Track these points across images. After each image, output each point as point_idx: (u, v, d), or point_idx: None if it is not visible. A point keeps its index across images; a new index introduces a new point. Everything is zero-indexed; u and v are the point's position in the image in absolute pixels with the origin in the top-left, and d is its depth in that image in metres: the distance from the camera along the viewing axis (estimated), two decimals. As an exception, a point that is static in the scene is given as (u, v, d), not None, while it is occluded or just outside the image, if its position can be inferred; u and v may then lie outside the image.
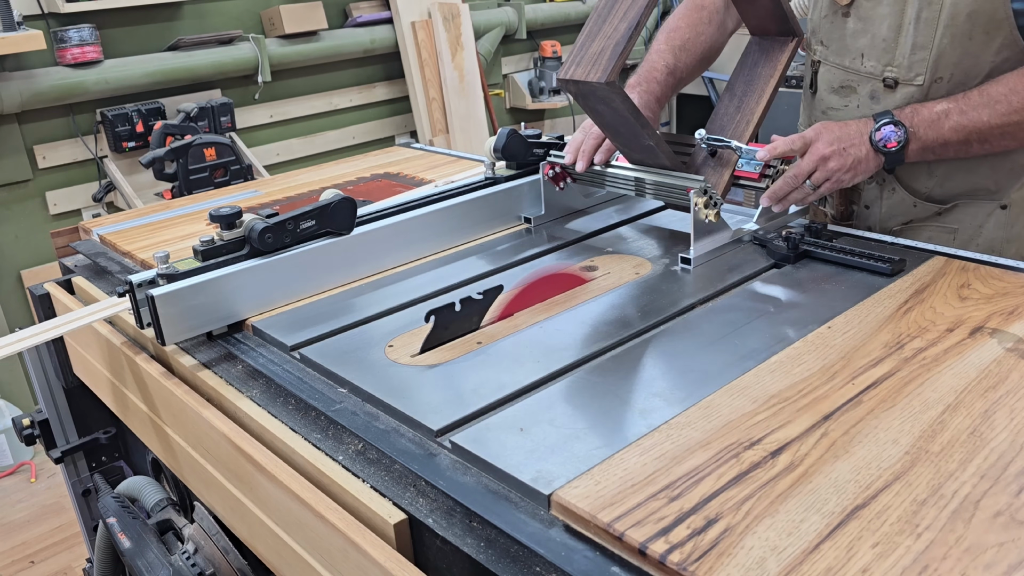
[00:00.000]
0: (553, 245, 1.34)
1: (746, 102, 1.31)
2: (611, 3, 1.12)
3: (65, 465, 1.64)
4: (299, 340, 1.07)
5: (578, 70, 1.11)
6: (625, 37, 1.08)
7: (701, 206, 1.19)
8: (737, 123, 1.30)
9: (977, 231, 1.31)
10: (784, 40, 1.31)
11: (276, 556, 0.95)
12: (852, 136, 1.20)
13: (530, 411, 0.85)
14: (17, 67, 2.97)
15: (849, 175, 1.20)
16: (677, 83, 1.42)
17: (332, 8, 3.75)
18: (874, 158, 1.20)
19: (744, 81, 1.33)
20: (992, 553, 0.61)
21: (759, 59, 1.33)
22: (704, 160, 1.30)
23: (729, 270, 1.17)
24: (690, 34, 1.44)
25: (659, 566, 0.63)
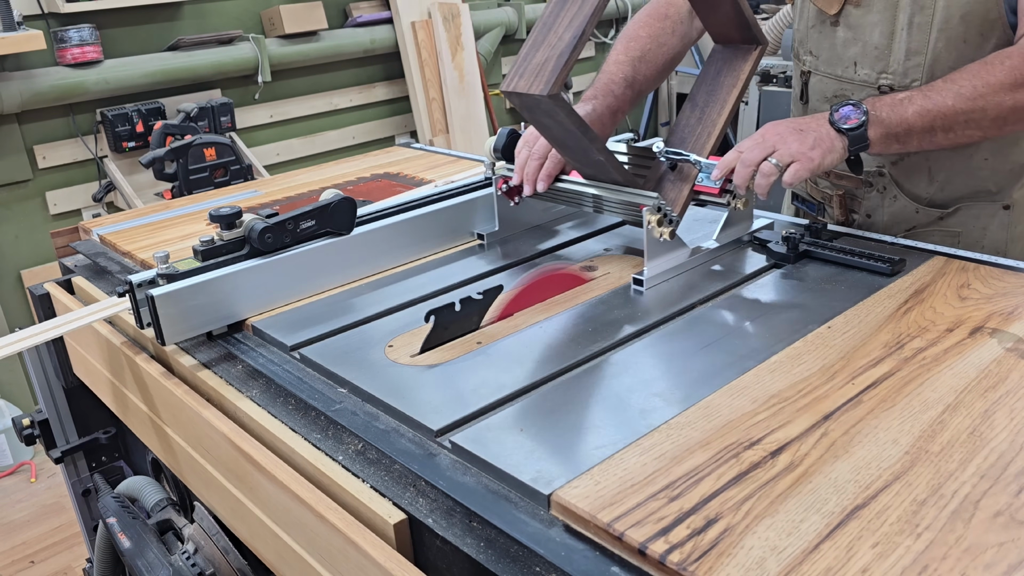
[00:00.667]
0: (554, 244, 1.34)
1: (708, 112, 1.24)
2: (557, 11, 1.06)
3: (65, 465, 1.64)
4: (299, 340, 1.07)
5: (521, 81, 1.05)
6: (570, 47, 1.01)
7: (655, 224, 1.12)
8: (699, 135, 1.23)
9: (982, 233, 1.30)
10: (748, 48, 1.24)
11: (276, 556, 0.95)
12: (809, 120, 1.14)
13: (530, 411, 0.85)
14: (17, 67, 2.97)
15: (817, 152, 1.10)
16: (635, 95, 1.36)
17: (332, 8, 3.75)
18: (837, 138, 1.11)
19: (706, 91, 1.26)
20: (992, 553, 0.61)
21: (722, 68, 1.26)
22: (664, 174, 1.23)
23: (727, 270, 1.17)
24: (651, 44, 1.38)
25: (659, 566, 0.63)
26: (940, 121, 1.11)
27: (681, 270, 1.18)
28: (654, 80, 1.39)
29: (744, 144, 1.13)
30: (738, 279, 1.14)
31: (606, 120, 1.30)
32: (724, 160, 1.14)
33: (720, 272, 1.17)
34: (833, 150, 1.11)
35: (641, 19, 1.42)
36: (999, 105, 1.09)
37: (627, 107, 1.34)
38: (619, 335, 1.00)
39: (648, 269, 1.14)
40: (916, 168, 1.30)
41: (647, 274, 1.14)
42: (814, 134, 1.11)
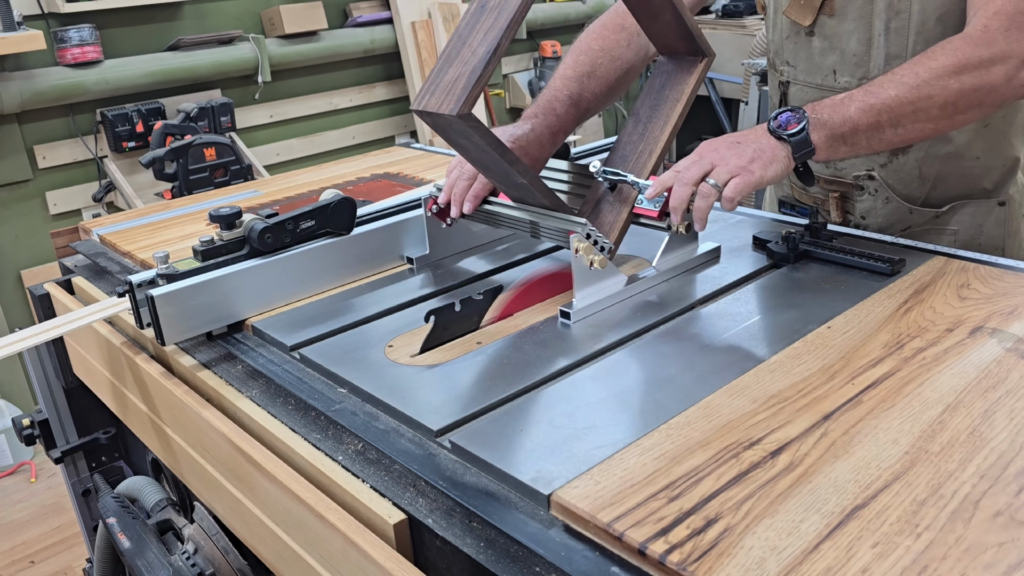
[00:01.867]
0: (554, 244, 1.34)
1: (651, 129, 1.16)
2: (473, 22, 0.97)
3: (65, 465, 1.64)
4: (299, 340, 1.07)
5: (431, 100, 0.95)
6: (483, 62, 0.93)
7: (583, 252, 1.04)
8: (640, 153, 1.15)
9: (978, 231, 1.30)
10: (693, 60, 1.17)
11: (276, 556, 0.95)
12: (747, 133, 1.07)
13: (530, 411, 0.85)
14: (17, 67, 2.97)
15: (757, 164, 1.02)
16: (581, 114, 1.27)
17: (332, 8, 3.75)
18: (779, 147, 1.04)
19: (650, 105, 1.17)
20: (992, 553, 0.61)
21: (666, 81, 1.17)
22: (604, 195, 1.14)
23: (727, 270, 1.17)
24: (602, 58, 1.28)
25: (659, 566, 0.63)
26: (886, 115, 1.05)
27: (615, 300, 1.09)
28: (604, 97, 1.30)
29: (681, 163, 1.06)
30: (738, 279, 1.14)
31: (545, 141, 1.22)
32: (660, 180, 1.06)
33: (720, 272, 1.17)
34: (776, 160, 1.03)
35: (595, 30, 1.33)
36: (944, 90, 1.04)
37: (570, 127, 1.26)
38: (619, 335, 1.00)
39: (577, 300, 1.05)
40: (906, 170, 1.30)
41: (576, 306, 1.05)
42: (753, 146, 1.04)
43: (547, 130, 1.22)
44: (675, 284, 1.14)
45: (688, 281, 1.15)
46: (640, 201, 1.10)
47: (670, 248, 1.15)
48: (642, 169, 1.13)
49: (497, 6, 0.95)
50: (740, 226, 1.34)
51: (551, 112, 1.23)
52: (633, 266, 1.22)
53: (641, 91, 1.20)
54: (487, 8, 0.96)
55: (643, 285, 1.12)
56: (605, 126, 5.20)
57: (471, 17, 0.98)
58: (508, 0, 0.95)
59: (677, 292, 1.11)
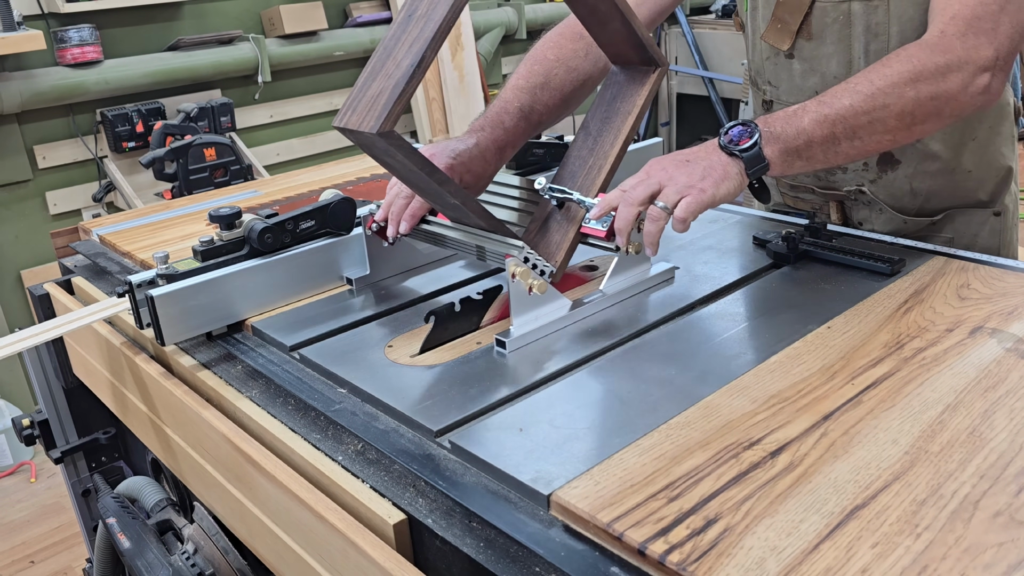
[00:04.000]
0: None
1: (600, 143, 1.09)
2: (399, 33, 0.91)
3: (65, 465, 1.64)
4: (299, 340, 1.07)
5: (352, 117, 0.90)
6: (406, 76, 0.86)
7: (520, 277, 0.98)
8: (589, 168, 1.09)
9: (972, 240, 1.29)
10: (646, 71, 1.10)
11: (276, 556, 0.95)
12: (697, 150, 1.01)
13: (530, 411, 0.85)
14: (17, 67, 2.97)
15: (708, 182, 0.96)
16: (531, 127, 1.20)
17: (332, 8, 3.75)
18: (731, 163, 0.98)
19: (600, 118, 1.11)
20: (992, 553, 0.61)
21: (617, 93, 1.11)
22: (552, 213, 1.08)
23: (727, 270, 1.17)
24: (558, 69, 1.22)
25: (658, 566, 0.63)
26: (841, 126, 0.99)
27: (558, 327, 1.03)
28: (557, 109, 1.23)
29: (628, 182, 1.00)
30: (738, 279, 1.14)
31: (490, 157, 1.15)
32: (605, 200, 1.00)
33: (721, 272, 1.17)
34: (728, 177, 0.98)
35: (551, 39, 1.26)
36: (901, 98, 0.99)
37: (519, 140, 1.20)
38: (619, 335, 1.00)
39: (515, 327, 0.99)
40: (896, 185, 1.28)
41: (513, 333, 0.98)
42: (703, 163, 0.98)
43: (493, 144, 1.15)
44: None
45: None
46: (587, 220, 1.04)
47: (620, 270, 1.09)
48: (590, 186, 1.07)
49: (424, 15, 0.89)
50: (740, 226, 1.34)
51: (498, 125, 1.17)
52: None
53: (592, 103, 1.13)
54: (414, 18, 0.90)
55: (589, 310, 1.06)
56: (605, 126, 5.19)
57: (398, 27, 0.91)
58: (435, 9, 0.88)
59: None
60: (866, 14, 1.18)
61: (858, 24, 1.19)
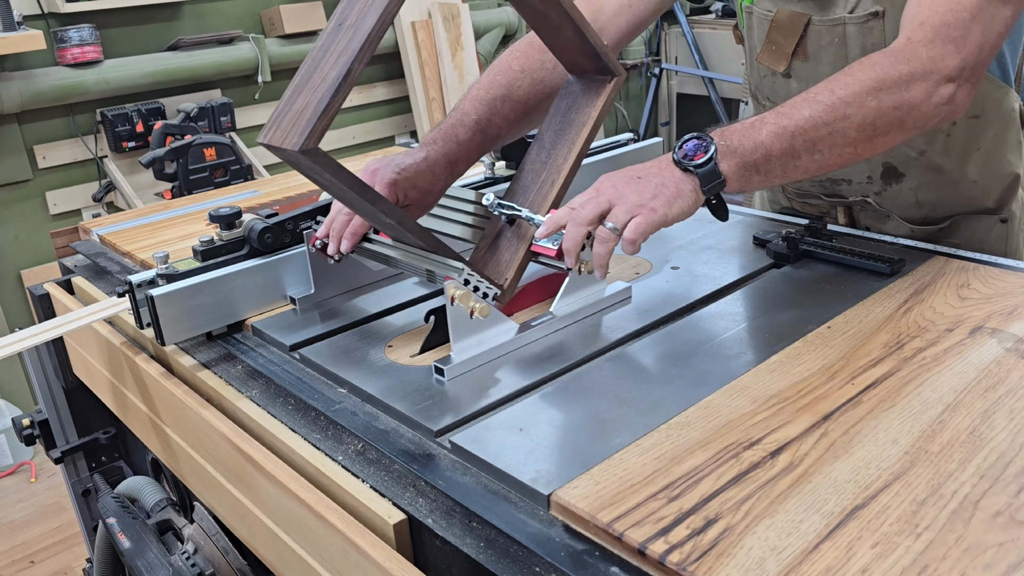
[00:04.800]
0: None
1: (554, 156, 1.04)
2: (328, 43, 0.85)
3: (65, 465, 1.64)
4: (299, 340, 1.07)
5: (276, 133, 0.84)
6: (331, 90, 0.81)
7: (459, 301, 0.92)
8: (542, 183, 1.03)
9: (980, 246, 1.27)
10: (602, 80, 1.05)
11: (276, 556, 0.95)
12: (650, 165, 0.96)
13: (530, 411, 0.85)
14: (17, 67, 2.97)
15: (660, 201, 0.91)
16: (488, 141, 1.14)
17: (332, 8, 3.75)
18: (685, 180, 0.93)
19: (555, 130, 1.06)
20: (992, 553, 0.61)
21: (573, 103, 1.06)
22: (503, 229, 1.03)
23: (727, 270, 1.17)
24: (522, 80, 1.16)
25: (658, 566, 0.63)
26: (800, 139, 0.94)
27: (503, 351, 0.98)
28: (518, 123, 1.17)
29: (577, 199, 0.95)
30: (738, 279, 1.14)
31: (439, 172, 1.09)
32: (553, 218, 0.95)
33: (721, 272, 1.17)
34: (681, 195, 0.92)
35: (519, 48, 1.21)
36: (862, 108, 0.95)
37: (474, 155, 1.13)
38: (618, 335, 1.00)
39: (455, 353, 0.94)
40: (902, 197, 1.27)
41: (453, 359, 0.94)
42: (655, 181, 0.93)
43: (443, 159, 1.09)
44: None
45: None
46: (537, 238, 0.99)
47: (571, 290, 1.04)
48: (542, 201, 1.02)
49: (353, 24, 0.84)
50: (740, 226, 1.34)
51: (452, 138, 1.11)
52: (633, 266, 1.22)
53: (547, 114, 1.08)
54: (343, 27, 0.85)
55: (538, 333, 1.01)
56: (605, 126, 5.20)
57: (327, 37, 0.85)
58: (365, 18, 0.82)
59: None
60: (861, 35, 1.16)
61: (854, 46, 1.18)
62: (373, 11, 0.82)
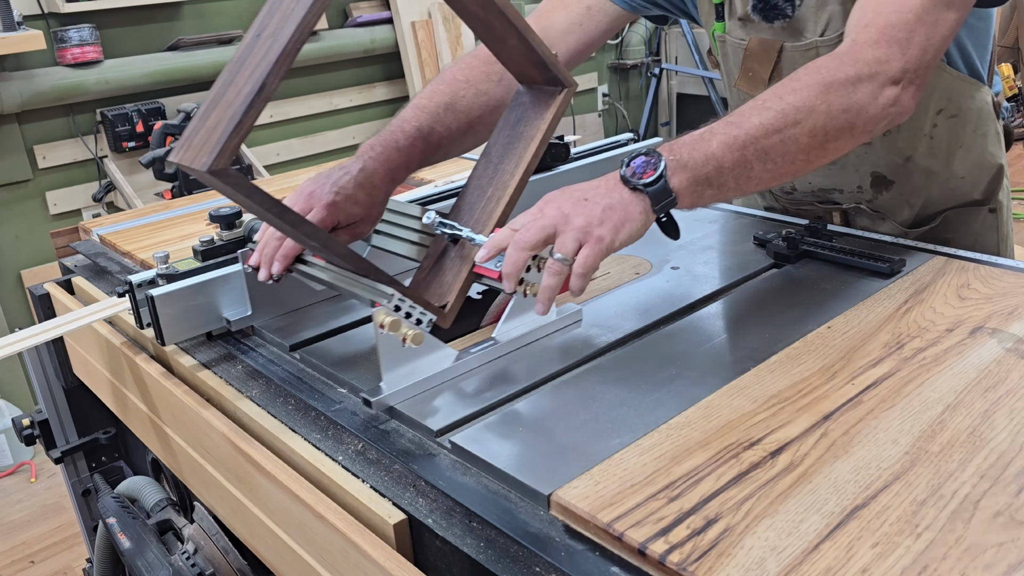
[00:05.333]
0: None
1: (501, 171, 0.99)
2: (244, 55, 0.80)
3: (65, 465, 1.64)
4: (299, 340, 1.07)
5: (187, 152, 0.78)
6: (244, 106, 0.75)
7: (387, 328, 0.86)
8: (488, 199, 0.98)
9: (973, 238, 1.29)
10: (552, 91, 1.00)
11: (276, 556, 0.95)
12: (597, 185, 0.90)
13: (530, 411, 0.85)
14: (17, 67, 2.97)
15: (607, 227, 0.85)
16: (429, 149, 1.10)
17: (332, 8, 3.75)
18: (634, 200, 0.87)
19: (503, 143, 1.01)
20: (992, 553, 0.61)
21: (522, 115, 1.01)
22: (447, 248, 0.98)
23: (727, 270, 1.17)
24: (466, 91, 1.14)
25: (659, 566, 0.63)
26: (752, 148, 0.90)
27: (439, 381, 0.92)
28: (461, 135, 1.13)
29: (519, 220, 0.89)
30: (738, 279, 1.14)
31: (378, 182, 1.03)
32: (494, 240, 0.88)
33: (722, 270, 1.16)
34: (629, 219, 0.86)
35: (465, 59, 1.19)
36: (812, 113, 0.92)
37: (415, 165, 1.09)
38: (618, 335, 1.00)
39: (385, 383, 0.89)
40: (894, 202, 1.29)
41: (384, 390, 0.89)
42: (602, 202, 0.86)
43: (383, 167, 1.04)
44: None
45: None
46: None
47: (516, 313, 0.98)
48: (487, 219, 0.97)
49: (272, 35, 0.78)
50: (740, 226, 1.34)
51: (391, 146, 1.06)
52: (633, 267, 1.22)
53: (496, 126, 1.03)
54: (261, 37, 0.79)
55: (478, 360, 0.95)
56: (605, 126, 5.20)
57: (244, 49, 0.80)
58: (283, 28, 0.77)
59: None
60: None
61: None
62: (292, 20, 0.77)
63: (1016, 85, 5.47)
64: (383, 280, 0.90)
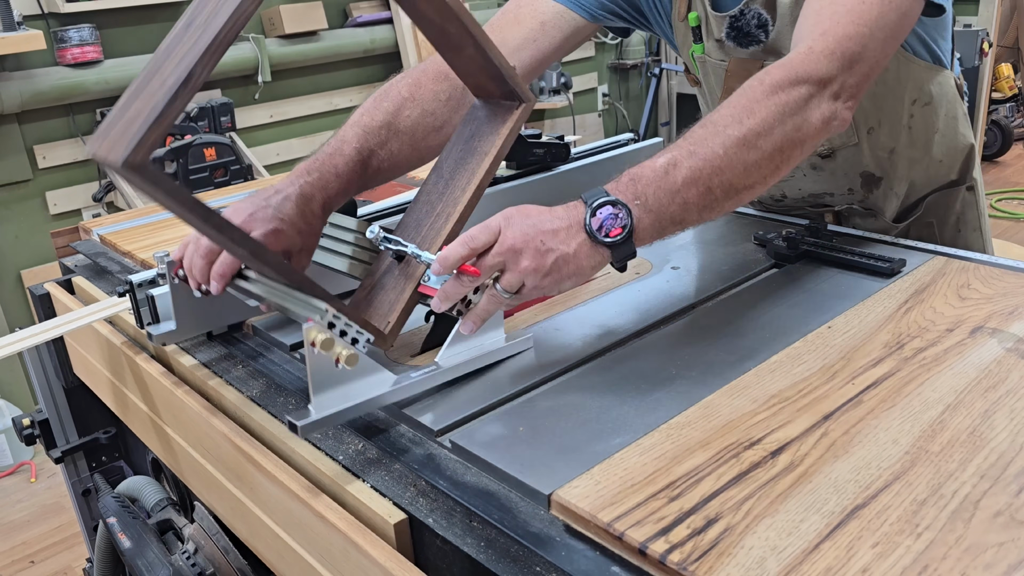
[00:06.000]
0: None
1: (452, 187, 0.95)
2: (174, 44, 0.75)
3: (65, 465, 1.64)
4: (299, 340, 1.07)
5: (103, 144, 0.71)
6: (167, 97, 0.69)
7: (320, 347, 0.79)
8: (437, 215, 0.94)
9: (956, 218, 1.34)
10: (509, 106, 0.97)
11: (276, 556, 0.95)
12: (556, 225, 0.84)
13: (530, 411, 0.85)
14: (17, 67, 2.97)
15: (551, 280, 0.84)
16: (370, 175, 1.05)
17: (332, 8, 3.75)
18: (595, 251, 0.85)
19: (455, 158, 0.98)
20: (992, 553, 0.61)
21: (476, 130, 0.98)
22: (390, 266, 0.95)
23: (727, 270, 1.17)
24: (412, 110, 1.08)
25: (659, 566, 0.63)
26: (716, 179, 0.87)
27: (383, 402, 0.86)
28: (404, 158, 1.08)
29: (472, 232, 0.85)
30: (739, 279, 1.14)
31: (316, 209, 0.98)
32: (448, 254, 0.84)
33: (721, 272, 1.17)
34: (578, 272, 0.85)
35: (411, 74, 1.13)
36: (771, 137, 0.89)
37: (353, 190, 1.03)
38: (616, 338, 1.00)
39: (314, 407, 0.82)
40: (883, 196, 1.32)
41: (312, 414, 0.81)
42: (558, 250, 0.83)
43: (320, 192, 0.99)
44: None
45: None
46: (427, 278, 0.90)
47: (460, 339, 0.92)
48: (435, 237, 0.93)
49: (203, 24, 0.74)
50: (740, 226, 1.34)
51: (329, 169, 1.00)
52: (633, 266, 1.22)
53: (449, 141, 1.00)
54: (192, 26, 0.75)
55: (420, 386, 0.89)
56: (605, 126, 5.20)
57: (173, 38, 0.75)
58: (215, 17, 0.73)
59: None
60: None
61: None
62: (225, 10, 0.72)
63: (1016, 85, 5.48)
64: (317, 294, 0.84)
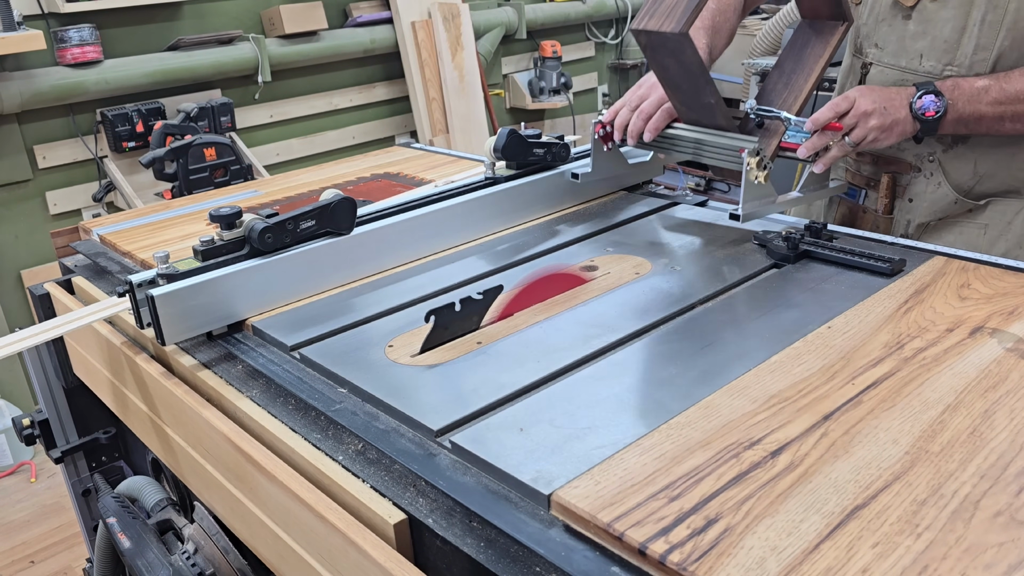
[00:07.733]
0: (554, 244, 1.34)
1: (795, 79, 1.34)
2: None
3: (65, 465, 1.64)
4: (299, 340, 1.07)
5: (652, 21, 1.16)
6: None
7: (753, 166, 1.23)
8: (785, 98, 1.34)
9: (1006, 227, 1.35)
10: (835, 24, 1.33)
11: (276, 556, 0.95)
12: (893, 98, 1.22)
13: (530, 411, 0.85)
14: (17, 67, 2.97)
15: (886, 135, 1.22)
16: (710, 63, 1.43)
17: (332, 8, 3.75)
18: (911, 124, 1.22)
19: (793, 59, 1.36)
20: (992, 553, 0.61)
21: (808, 40, 1.35)
22: (751, 131, 1.33)
23: (727, 270, 1.17)
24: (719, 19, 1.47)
25: (659, 566, 0.63)
26: (1010, 110, 1.21)
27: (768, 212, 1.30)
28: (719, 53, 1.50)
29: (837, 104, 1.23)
30: (739, 279, 1.14)
31: None
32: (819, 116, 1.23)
33: (720, 272, 1.17)
34: (902, 135, 1.23)
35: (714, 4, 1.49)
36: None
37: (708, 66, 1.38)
38: (619, 335, 1.00)
39: (743, 207, 1.25)
40: (963, 158, 1.35)
41: (742, 210, 1.25)
42: (894, 116, 1.22)
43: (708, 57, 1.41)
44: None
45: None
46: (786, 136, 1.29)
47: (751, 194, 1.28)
48: (788, 110, 1.30)
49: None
50: (740, 226, 1.34)
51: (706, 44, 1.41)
52: (633, 266, 1.21)
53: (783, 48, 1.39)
54: None
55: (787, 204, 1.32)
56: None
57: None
58: None
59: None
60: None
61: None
62: None
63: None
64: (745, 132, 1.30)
